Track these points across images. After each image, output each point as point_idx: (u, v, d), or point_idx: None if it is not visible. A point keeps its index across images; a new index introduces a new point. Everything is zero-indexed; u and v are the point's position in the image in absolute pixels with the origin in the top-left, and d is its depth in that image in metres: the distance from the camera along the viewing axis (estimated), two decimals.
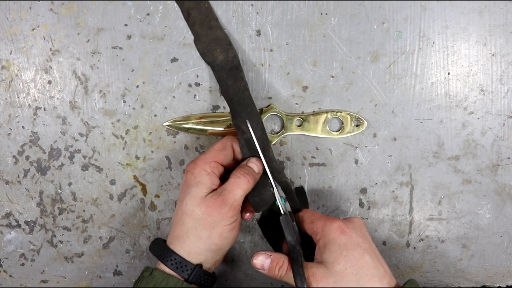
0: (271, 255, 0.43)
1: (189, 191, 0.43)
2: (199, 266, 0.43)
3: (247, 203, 0.48)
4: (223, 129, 0.51)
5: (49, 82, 0.51)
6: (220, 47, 0.48)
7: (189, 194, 0.43)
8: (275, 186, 0.45)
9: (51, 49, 0.51)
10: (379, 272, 0.40)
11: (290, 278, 0.41)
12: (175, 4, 0.50)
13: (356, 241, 0.41)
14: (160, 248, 0.44)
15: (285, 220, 0.44)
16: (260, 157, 0.46)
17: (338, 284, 0.39)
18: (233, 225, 0.43)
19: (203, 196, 0.43)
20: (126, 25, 0.50)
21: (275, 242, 0.51)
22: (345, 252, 0.40)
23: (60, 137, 0.52)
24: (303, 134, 0.52)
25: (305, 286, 0.39)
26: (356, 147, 0.52)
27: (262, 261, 0.43)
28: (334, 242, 0.41)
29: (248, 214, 0.48)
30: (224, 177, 0.46)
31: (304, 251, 0.45)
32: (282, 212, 0.45)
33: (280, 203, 0.45)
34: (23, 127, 0.52)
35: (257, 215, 0.54)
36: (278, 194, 0.45)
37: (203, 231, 0.42)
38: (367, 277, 0.39)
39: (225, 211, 0.42)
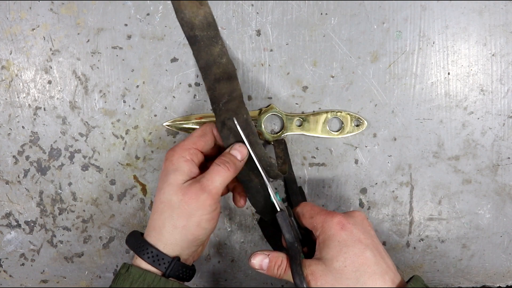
0: (269, 255, 0.42)
1: (167, 179, 0.42)
2: (177, 259, 0.41)
3: (239, 188, 0.48)
4: None
5: (49, 82, 0.51)
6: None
7: (166, 182, 0.42)
8: (268, 182, 0.44)
9: (51, 49, 0.51)
10: (381, 268, 0.38)
11: (289, 277, 0.40)
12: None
13: (357, 236, 0.39)
14: (136, 241, 0.42)
15: (281, 216, 0.43)
16: (244, 142, 0.44)
17: (337, 282, 0.38)
18: (212, 215, 0.42)
19: (180, 183, 0.41)
20: (126, 25, 0.50)
21: (275, 242, 0.51)
22: (344, 248, 0.39)
23: (60, 137, 0.52)
24: (303, 134, 0.52)
25: (304, 285, 0.38)
26: (356, 147, 0.52)
27: (260, 261, 0.42)
28: (333, 238, 0.40)
29: (242, 201, 0.47)
30: (204, 167, 0.44)
31: (304, 246, 0.45)
32: (278, 209, 0.43)
33: (275, 199, 0.44)
34: (23, 127, 0.52)
35: (257, 215, 0.54)
36: (272, 190, 0.44)
37: (179, 220, 0.41)
38: (368, 274, 0.38)
39: (203, 199, 0.40)
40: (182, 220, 0.41)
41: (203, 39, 0.47)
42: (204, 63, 0.47)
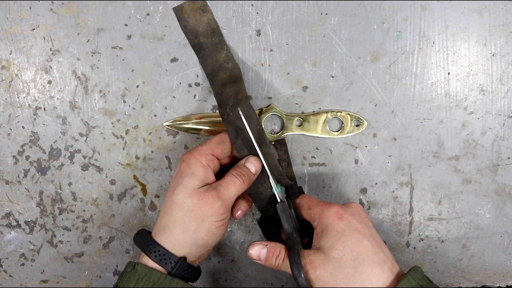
0: (267, 245, 0.42)
1: (182, 181, 0.42)
2: (183, 259, 0.42)
3: (239, 201, 0.48)
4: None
5: (49, 82, 0.51)
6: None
7: (181, 185, 0.42)
8: (270, 173, 0.45)
9: (51, 49, 0.51)
10: (379, 257, 0.39)
11: (287, 267, 0.40)
12: (175, 4, 0.50)
13: (354, 226, 0.40)
14: (144, 240, 0.43)
15: (281, 207, 0.43)
16: (258, 156, 0.45)
17: (336, 271, 0.38)
18: (223, 222, 0.42)
19: (196, 188, 0.42)
20: (126, 25, 0.50)
21: (275, 241, 0.51)
22: (343, 238, 0.39)
23: (60, 137, 0.52)
24: (303, 134, 0.52)
25: (302, 275, 0.38)
26: (356, 147, 0.52)
27: (258, 251, 0.42)
28: (331, 228, 0.40)
29: (239, 212, 0.47)
30: (218, 175, 0.45)
31: (303, 238, 0.45)
32: (279, 200, 0.44)
33: (276, 190, 0.45)
34: (23, 127, 0.52)
35: (257, 215, 0.54)
36: (274, 182, 0.45)
37: (191, 224, 0.41)
38: (366, 262, 0.38)
39: (217, 206, 0.41)
40: (194, 224, 0.41)
41: (208, 45, 0.48)
42: (210, 70, 0.47)
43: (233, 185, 0.42)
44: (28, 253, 0.55)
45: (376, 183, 0.53)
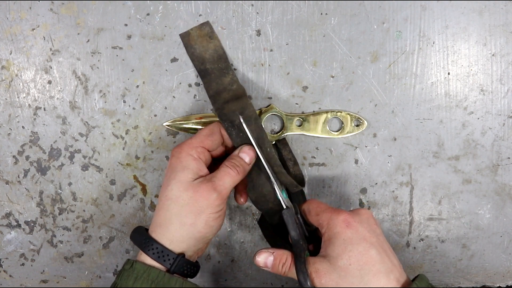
0: (273, 252, 0.42)
1: (175, 175, 0.42)
2: (182, 255, 0.41)
3: (241, 186, 0.48)
4: None
5: (49, 82, 0.51)
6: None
7: (174, 179, 0.42)
8: (274, 179, 0.44)
9: (51, 49, 0.51)
10: (385, 267, 0.38)
11: (294, 274, 0.40)
12: (175, 4, 0.50)
13: (362, 235, 0.39)
14: (141, 237, 0.42)
15: (287, 214, 0.43)
16: (253, 145, 0.44)
17: (341, 280, 0.38)
18: (219, 213, 0.42)
19: (190, 181, 0.42)
20: (126, 25, 0.50)
21: (274, 241, 0.51)
22: (349, 247, 0.39)
23: (60, 137, 0.52)
24: (303, 134, 0.52)
25: (308, 283, 0.38)
26: (356, 147, 0.53)
27: (265, 258, 0.42)
28: (339, 236, 0.40)
29: (243, 198, 0.47)
30: (210, 167, 0.45)
31: (311, 243, 0.45)
32: (284, 206, 0.44)
33: (281, 197, 0.44)
34: (23, 127, 0.52)
35: (257, 215, 0.54)
36: (278, 188, 0.44)
37: (188, 218, 0.41)
38: (372, 272, 0.38)
39: (213, 198, 0.41)
40: (191, 218, 0.41)
41: (214, 71, 0.48)
42: (214, 92, 0.48)
43: (228, 177, 0.42)
44: (28, 253, 0.55)
45: (376, 183, 0.53)
